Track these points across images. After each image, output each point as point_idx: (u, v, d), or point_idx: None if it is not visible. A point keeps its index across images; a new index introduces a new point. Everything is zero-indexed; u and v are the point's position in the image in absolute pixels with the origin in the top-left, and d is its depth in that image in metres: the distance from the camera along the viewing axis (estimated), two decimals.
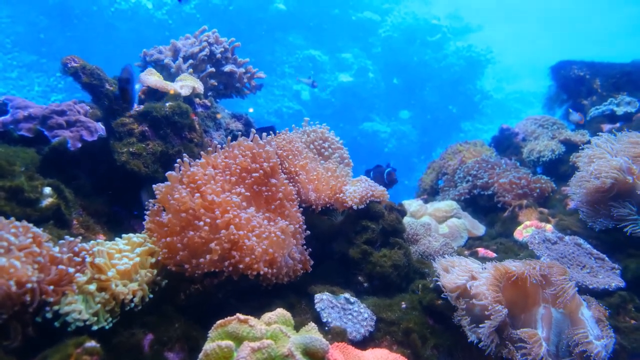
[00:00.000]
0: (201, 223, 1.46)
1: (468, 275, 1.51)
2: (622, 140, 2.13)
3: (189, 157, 1.68)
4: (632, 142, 2.06)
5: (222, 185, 1.59)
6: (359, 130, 12.44)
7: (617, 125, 3.20)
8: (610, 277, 1.80)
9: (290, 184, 1.80)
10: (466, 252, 2.32)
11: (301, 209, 1.79)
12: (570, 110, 3.47)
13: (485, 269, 1.53)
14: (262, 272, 1.46)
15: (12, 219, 1.28)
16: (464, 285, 1.48)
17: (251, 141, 1.76)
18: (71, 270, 1.25)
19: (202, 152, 1.73)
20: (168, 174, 1.59)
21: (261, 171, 1.66)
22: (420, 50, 12.92)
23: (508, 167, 3.06)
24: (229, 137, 2.11)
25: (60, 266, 1.25)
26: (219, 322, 1.24)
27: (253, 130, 1.83)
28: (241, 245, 1.45)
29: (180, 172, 1.63)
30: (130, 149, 1.93)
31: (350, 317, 1.53)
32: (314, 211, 1.89)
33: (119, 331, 1.29)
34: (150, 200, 1.61)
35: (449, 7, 15.56)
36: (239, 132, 2.56)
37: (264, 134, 1.81)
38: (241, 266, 1.44)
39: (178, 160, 1.65)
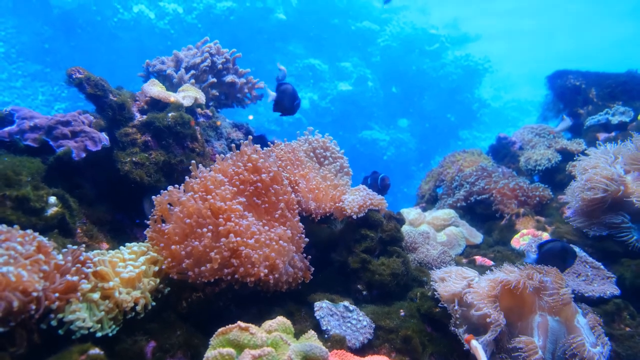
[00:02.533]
0: (204, 230, 1.49)
1: (464, 284, 1.54)
2: (619, 149, 2.16)
3: (194, 166, 1.73)
4: (627, 151, 2.10)
5: (227, 194, 1.63)
6: (358, 139, 12.50)
7: (613, 134, 3.25)
8: (605, 285, 1.83)
9: (291, 193, 1.83)
10: (464, 260, 2.34)
11: (301, 217, 1.82)
12: (564, 117, 3.50)
13: (482, 277, 1.56)
14: (262, 276, 1.48)
15: (17, 227, 1.31)
16: (460, 294, 1.51)
17: (253, 151, 1.80)
18: (75, 278, 1.28)
19: (217, 157, 1.78)
20: (170, 188, 1.65)
21: (259, 183, 1.70)
22: (419, 60, 13.06)
23: (505, 175, 3.10)
24: (233, 146, 2.16)
25: (65, 275, 1.27)
26: (220, 329, 1.26)
27: (250, 137, 1.88)
28: (240, 253, 1.48)
29: (183, 184, 1.68)
30: (134, 159, 1.97)
31: (349, 324, 1.55)
32: (313, 220, 1.92)
33: (122, 338, 1.31)
34: (153, 209, 1.65)
35: (447, 16, 15.78)
36: (240, 142, 2.60)
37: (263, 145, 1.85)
38: (237, 275, 1.46)
39: (192, 163, 1.74)
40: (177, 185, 1.67)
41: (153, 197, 1.64)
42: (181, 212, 1.55)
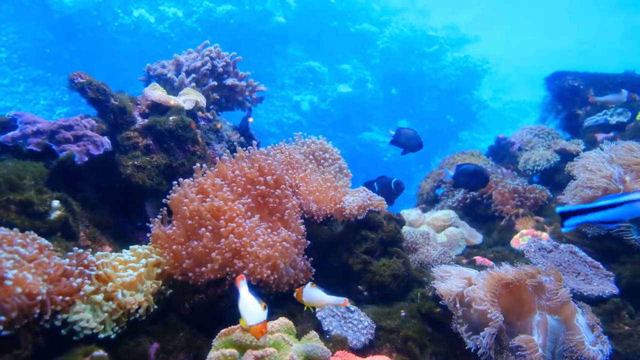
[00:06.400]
0: (203, 230, 1.51)
1: (464, 282, 1.55)
2: (616, 149, 2.18)
3: (197, 169, 1.75)
4: (626, 151, 2.11)
5: (228, 196, 1.65)
6: (358, 140, 12.52)
7: (611, 134, 3.27)
8: (604, 284, 1.84)
9: (292, 196, 1.84)
10: (464, 261, 2.35)
11: (302, 219, 1.84)
12: (622, 90, 3.35)
13: (481, 276, 1.57)
14: (265, 276, 1.50)
15: (16, 229, 1.32)
16: (461, 293, 1.52)
17: (253, 153, 1.82)
18: (79, 280, 1.30)
19: (217, 160, 1.79)
20: (181, 180, 1.67)
21: (264, 185, 1.71)
22: (418, 61, 13.10)
23: (505, 176, 3.11)
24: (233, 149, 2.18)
25: (69, 277, 1.29)
26: (222, 330, 1.27)
27: (255, 142, 1.90)
28: (244, 254, 1.50)
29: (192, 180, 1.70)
30: (135, 162, 1.99)
31: (350, 325, 1.56)
32: (314, 222, 1.93)
33: (126, 340, 1.33)
34: (160, 209, 1.67)
35: (445, 18, 15.83)
36: (240, 144, 2.62)
37: (270, 146, 1.87)
38: (245, 272, 1.47)
39: (196, 166, 1.75)
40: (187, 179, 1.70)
41: (175, 181, 1.65)
42: (187, 211, 1.56)
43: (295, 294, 1.39)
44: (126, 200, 2.06)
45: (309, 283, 1.38)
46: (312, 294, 1.35)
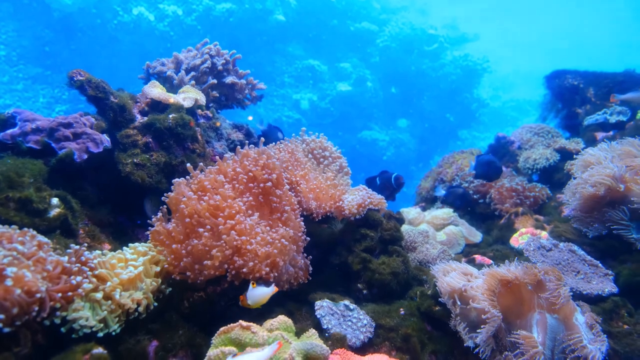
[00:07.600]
0: (202, 229, 1.50)
1: (464, 279, 1.55)
2: (616, 148, 2.18)
3: (195, 166, 1.74)
4: (626, 150, 2.12)
5: (229, 193, 1.64)
6: (358, 139, 12.53)
7: (611, 133, 3.27)
8: (603, 283, 1.84)
9: (292, 193, 1.84)
10: (463, 259, 2.35)
11: (302, 217, 1.84)
12: None
13: (480, 274, 1.57)
14: (264, 274, 1.50)
15: (14, 226, 1.32)
16: (460, 290, 1.52)
17: (257, 151, 1.82)
18: (79, 278, 1.29)
19: (217, 158, 1.79)
20: (176, 180, 1.66)
21: (269, 183, 1.71)
22: (418, 60, 13.09)
23: (504, 174, 3.11)
24: (238, 147, 2.17)
25: (69, 275, 1.29)
26: (222, 328, 1.27)
27: (262, 139, 1.89)
28: (244, 251, 1.49)
29: (189, 179, 1.69)
30: (135, 160, 1.98)
31: (349, 323, 1.56)
32: (314, 220, 1.93)
33: (125, 338, 1.33)
34: (159, 207, 1.66)
35: (445, 17, 15.82)
36: (240, 142, 2.62)
37: (272, 144, 1.86)
38: (245, 270, 1.47)
39: (188, 165, 1.73)
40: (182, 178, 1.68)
41: (176, 180, 1.65)
42: (185, 209, 1.56)
43: (240, 302, 1.39)
44: (126, 198, 2.06)
45: (250, 284, 1.38)
46: (255, 293, 1.36)
